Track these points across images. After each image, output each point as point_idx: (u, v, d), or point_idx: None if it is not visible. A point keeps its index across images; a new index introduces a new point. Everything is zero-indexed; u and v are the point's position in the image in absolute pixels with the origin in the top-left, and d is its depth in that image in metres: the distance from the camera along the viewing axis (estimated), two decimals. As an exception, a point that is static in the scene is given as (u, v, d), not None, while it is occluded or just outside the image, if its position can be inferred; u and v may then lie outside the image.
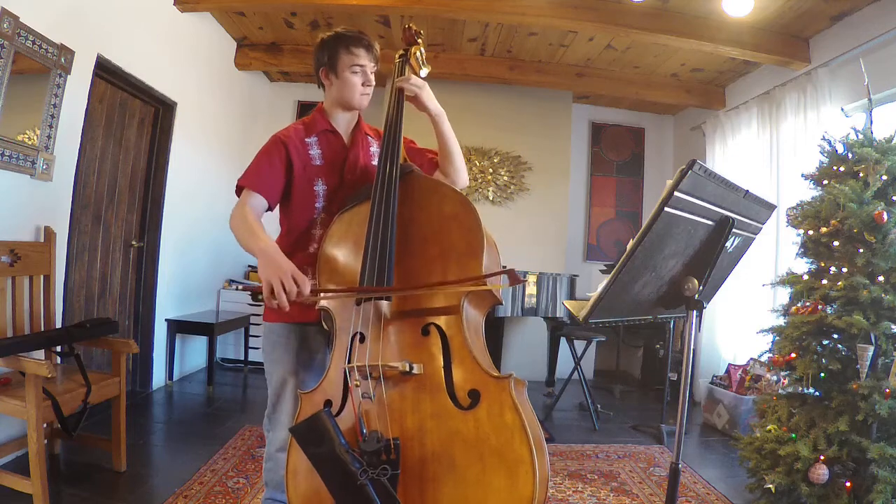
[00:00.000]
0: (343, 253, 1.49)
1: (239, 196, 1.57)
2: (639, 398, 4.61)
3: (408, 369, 1.28)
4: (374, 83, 1.64)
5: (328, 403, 1.37)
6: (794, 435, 2.24)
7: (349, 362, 1.35)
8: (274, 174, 1.57)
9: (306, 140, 1.62)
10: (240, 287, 1.45)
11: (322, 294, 1.46)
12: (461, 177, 1.68)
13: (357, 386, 1.31)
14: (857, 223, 2.16)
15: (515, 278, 1.29)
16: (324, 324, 1.51)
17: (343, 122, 1.68)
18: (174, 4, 3.54)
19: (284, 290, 1.29)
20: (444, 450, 1.23)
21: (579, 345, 4.05)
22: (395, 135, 1.53)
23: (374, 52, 1.62)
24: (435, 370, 1.30)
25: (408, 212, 1.45)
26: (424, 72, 1.72)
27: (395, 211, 1.42)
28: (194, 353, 4.29)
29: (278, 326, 1.62)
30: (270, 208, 1.60)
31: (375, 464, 1.21)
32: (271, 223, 1.69)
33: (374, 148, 1.72)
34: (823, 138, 2.47)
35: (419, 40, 1.71)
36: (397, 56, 1.70)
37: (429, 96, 1.59)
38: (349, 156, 1.65)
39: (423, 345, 1.33)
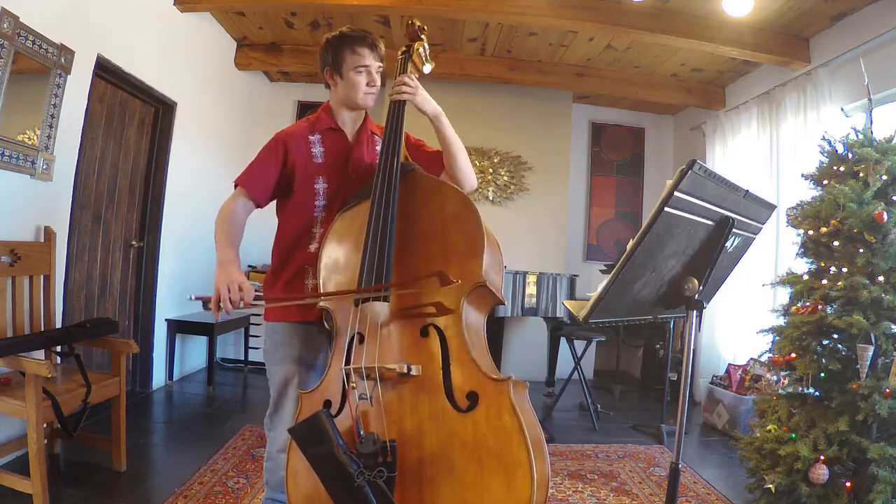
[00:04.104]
0: (344, 252, 1.49)
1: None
2: (639, 398, 4.61)
3: (406, 371, 1.27)
4: (379, 83, 1.63)
5: (328, 404, 1.37)
6: (794, 435, 2.24)
7: (347, 364, 1.35)
8: (267, 175, 1.58)
9: (310, 137, 1.62)
10: (193, 297, 1.57)
11: (267, 303, 1.59)
12: (467, 178, 1.65)
13: (354, 388, 1.30)
14: (857, 223, 2.16)
15: (446, 280, 1.28)
16: (325, 323, 1.51)
17: (349, 121, 1.68)
18: (174, 4, 3.54)
19: (230, 298, 1.37)
20: (442, 452, 1.23)
21: (579, 345, 4.05)
22: (395, 133, 1.52)
23: (378, 51, 1.61)
24: (433, 372, 1.29)
25: (409, 210, 1.44)
26: (428, 68, 1.71)
27: (395, 210, 1.42)
28: (194, 353, 4.29)
29: (280, 326, 1.62)
30: (260, 206, 1.63)
31: (372, 466, 1.21)
32: (270, 219, 1.69)
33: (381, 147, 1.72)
34: (823, 138, 2.47)
35: (423, 36, 1.70)
36: (400, 53, 1.69)
37: (424, 98, 1.56)
38: (353, 154, 1.64)
39: (421, 346, 1.33)
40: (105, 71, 3.06)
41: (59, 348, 2.31)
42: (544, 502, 1.21)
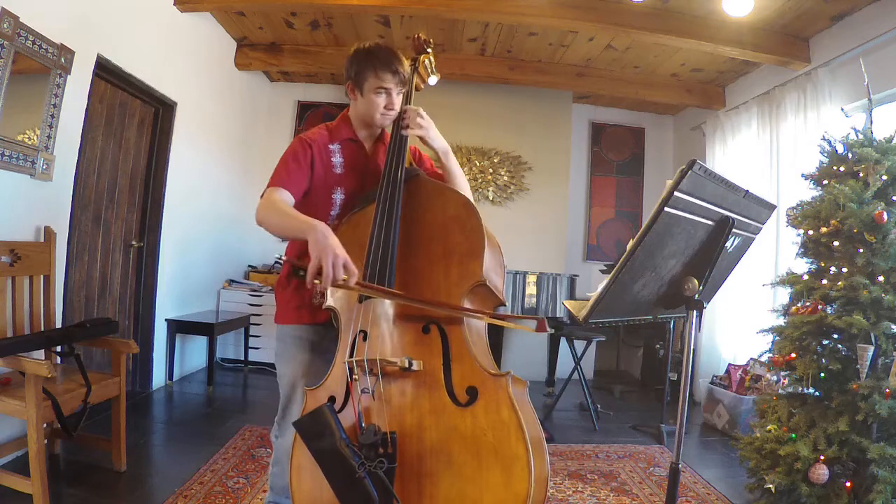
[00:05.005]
0: (350, 254, 1.49)
1: None
2: (639, 398, 4.61)
3: (407, 365, 1.29)
4: (397, 107, 1.61)
5: (332, 399, 1.39)
6: (794, 435, 2.24)
7: (350, 357, 1.37)
8: (301, 172, 1.57)
9: (330, 146, 1.63)
10: (283, 257, 1.31)
11: (361, 286, 1.37)
12: None
13: (357, 381, 1.33)
14: (857, 223, 2.16)
15: (543, 327, 1.32)
16: (333, 322, 1.52)
17: (365, 135, 1.69)
18: (174, 4, 3.54)
19: (332, 276, 1.22)
20: (442, 445, 1.25)
21: (579, 345, 4.05)
22: (400, 139, 1.55)
23: (400, 75, 1.59)
24: (434, 367, 1.32)
25: (412, 213, 1.47)
26: (433, 79, 1.75)
27: (399, 212, 1.44)
28: (194, 353, 4.29)
29: (290, 329, 1.63)
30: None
31: (372, 457, 1.23)
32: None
33: None
34: (823, 138, 2.47)
35: (429, 49, 1.74)
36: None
37: (435, 135, 1.61)
38: (370, 166, 1.66)
39: (423, 342, 1.35)
40: (105, 71, 3.06)
41: (59, 348, 2.31)
42: (543, 501, 1.21)
